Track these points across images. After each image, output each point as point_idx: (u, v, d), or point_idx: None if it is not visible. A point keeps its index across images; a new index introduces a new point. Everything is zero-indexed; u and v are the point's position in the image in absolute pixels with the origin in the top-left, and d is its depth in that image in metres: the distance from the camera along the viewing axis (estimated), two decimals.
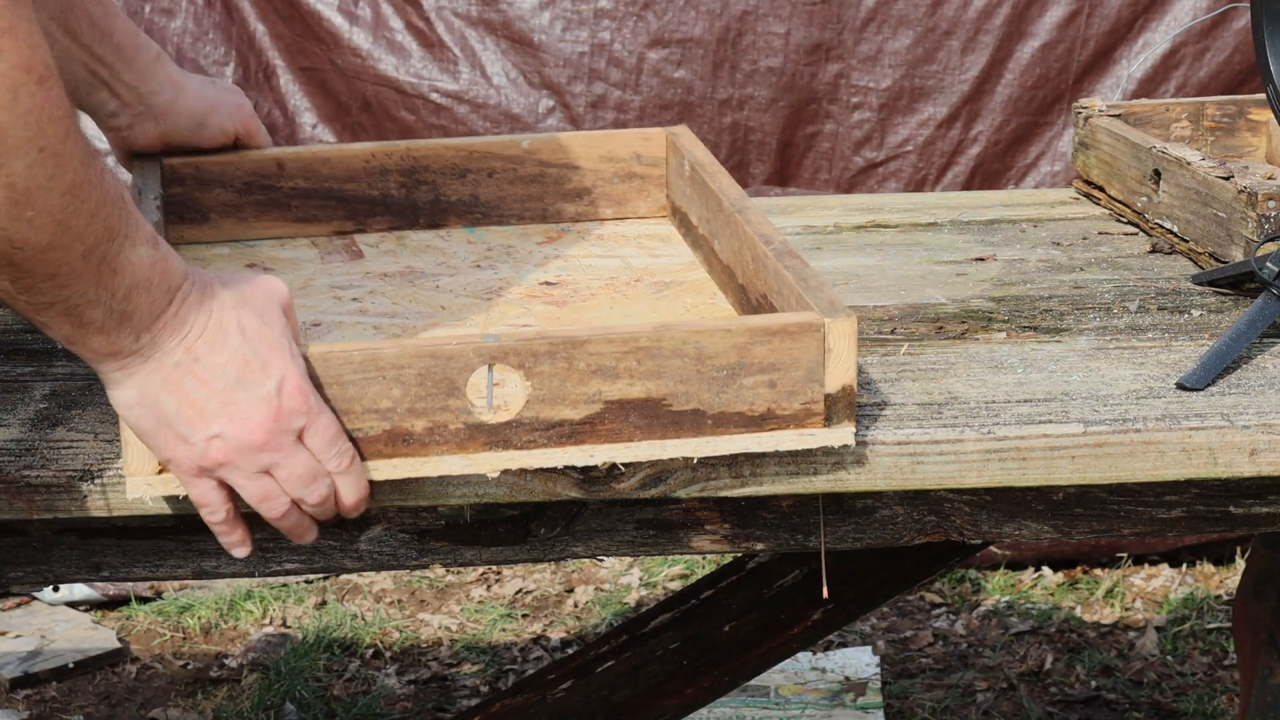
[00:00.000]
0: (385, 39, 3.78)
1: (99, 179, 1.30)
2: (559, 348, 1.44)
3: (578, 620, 3.70)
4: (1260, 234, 1.83)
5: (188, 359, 1.37)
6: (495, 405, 1.44)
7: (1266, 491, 1.64)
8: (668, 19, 3.74)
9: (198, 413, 1.37)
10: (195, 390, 1.37)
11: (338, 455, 1.42)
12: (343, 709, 3.34)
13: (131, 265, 1.33)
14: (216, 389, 1.37)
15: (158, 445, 1.39)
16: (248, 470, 1.40)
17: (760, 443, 1.48)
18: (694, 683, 2.20)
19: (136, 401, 1.38)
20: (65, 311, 1.32)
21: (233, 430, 1.38)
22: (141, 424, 1.39)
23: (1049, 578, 3.82)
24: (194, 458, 1.39)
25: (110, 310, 1.33)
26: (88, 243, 1.30)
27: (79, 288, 1.31)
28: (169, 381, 1.37)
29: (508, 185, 1.94)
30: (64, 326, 1.34)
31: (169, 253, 1.37)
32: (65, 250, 1.29)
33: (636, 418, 1.46)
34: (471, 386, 1.44)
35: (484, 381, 1.44)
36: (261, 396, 1.38)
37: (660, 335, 1.45)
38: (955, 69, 3.76)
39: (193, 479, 1.40)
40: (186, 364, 1.37)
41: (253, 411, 1.38)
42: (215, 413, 1.38)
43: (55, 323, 1.33)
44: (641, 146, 1.95)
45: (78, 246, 1.29)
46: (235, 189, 1.90)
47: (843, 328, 1.46)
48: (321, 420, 1.40)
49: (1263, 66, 1.91)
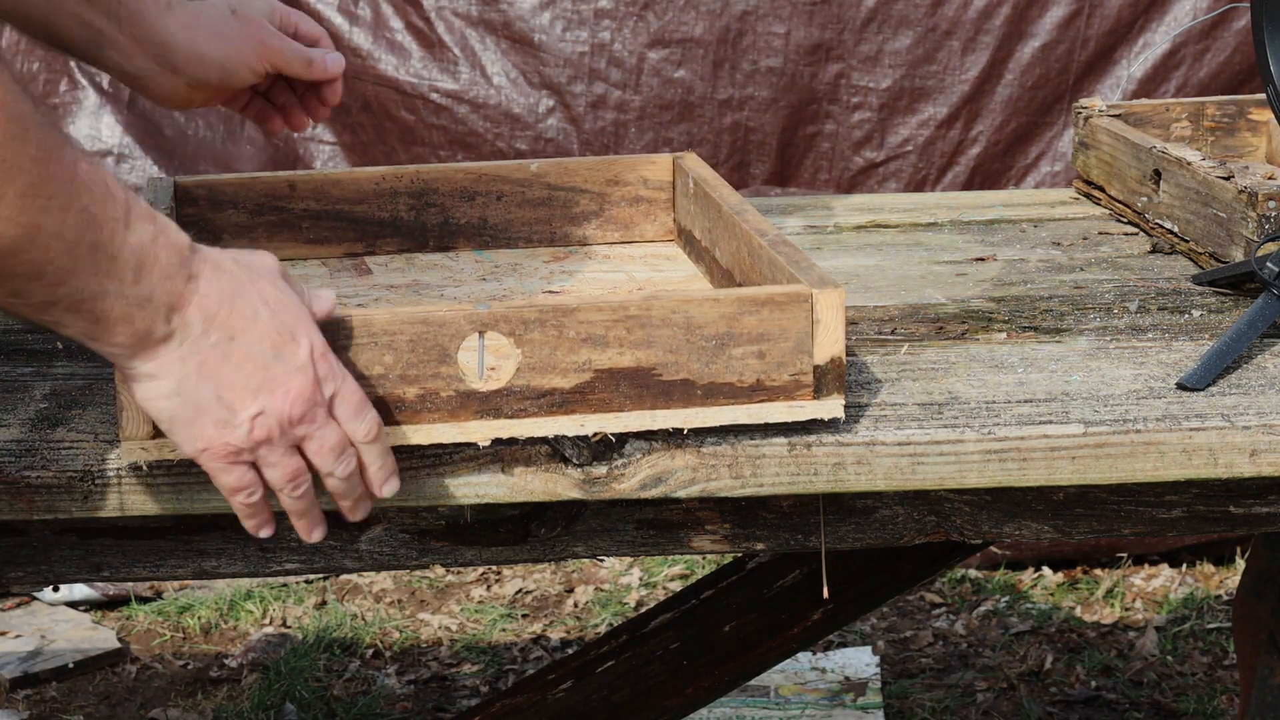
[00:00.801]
0: (385, 39, 3.78)
1: (66, 173, 1.26)
2: (549, 315, 1.46)
3: (578, 620, 3.70)
4: (1260, 234, 1.83)
5: (223, 338, 1.34)
6: (486, 373, 1.46)
7: (1266, 491, 1.64)
8: (668, 19, 3.74)
9: (239, 394, 1.34)
10: (236, 370, 1.34)
11: (365, 423, 1.40)
12: (343, 709, 3.34)
13: (131, 247, 1.30)
14: (257, 366, 1.34)
15: (194, 434, 1.36)
16: (284, 447, 1.37)
17: (750, 414, 1.50)
18: (694, 683, 2.20)
19: (174, 391, 1.34)
20: (71, 309, 1.30)
21: (274, 405, 1.35)
22: (178, 415, 1.35)
23: (1049, 578, 3.82)
24: (236, 440, 1.35)
25: (124, 298, 1.30)
26: (68, 238, 1.27)
27: (77, 283, 1.29)
28: (207, 365, 1.34)
29: (516, 208, 1.96)
30: (78, 323, 1.31)
31: (169, 225, 1.34)
32: (42, 250, 1.26)
33: (627, 387, 1.48)
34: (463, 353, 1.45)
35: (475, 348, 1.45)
36: (298, 367, 1.36)
37: (649, 304, 1.48)
38: (955, 69, 3.76)
39: (228, 465, 1.37)
40: (223, 344, 1.34)
41: (291, 383, 1.36)
42: (256, 389, 1.35)
43: (67, 321, 1.31)
44: (648, 170, 1.98)
45: (56, 244, 1.27)
46: (248, 210, 1.92)
47: (830, 299, 1.48)
48: (347, 386, 1.39)
49: (1263, 66, 1.91)
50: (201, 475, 1.47)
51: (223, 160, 3.81)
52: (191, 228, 1.90)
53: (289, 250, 1.94)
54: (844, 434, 1.52)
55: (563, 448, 1.50)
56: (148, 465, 1.46)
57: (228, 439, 1.35)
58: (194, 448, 1.37)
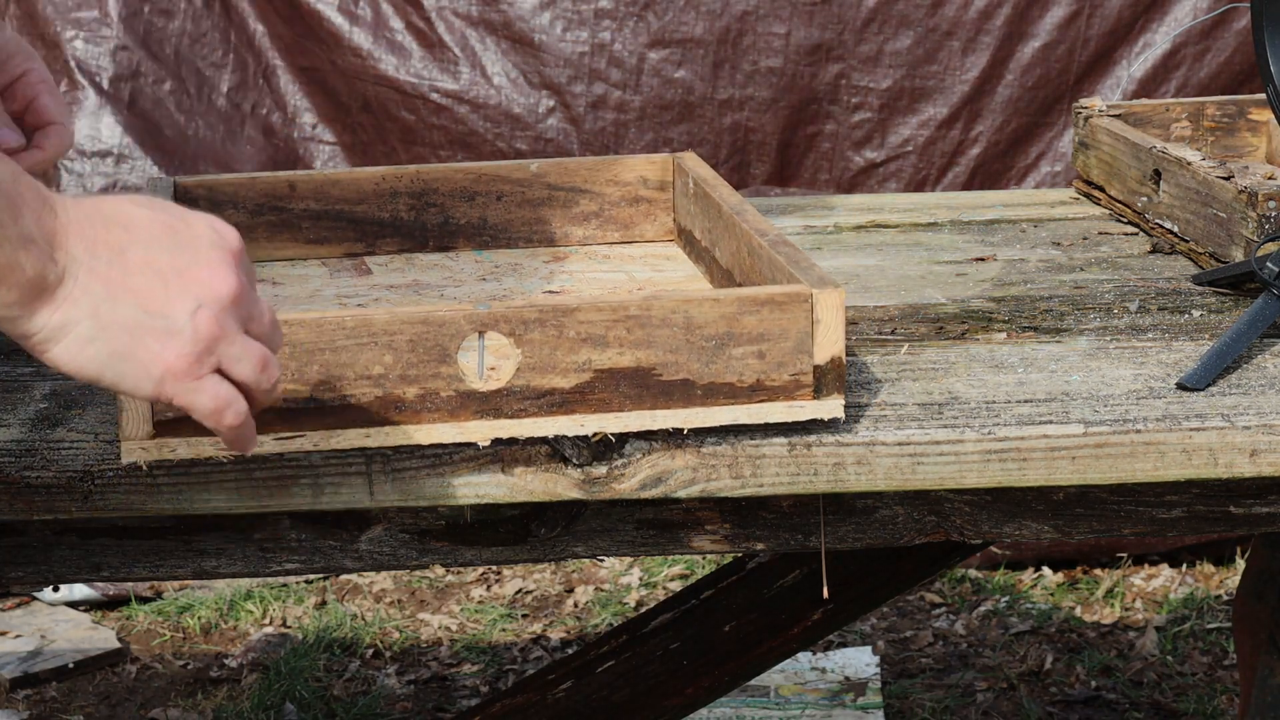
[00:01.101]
0: (385, 39, 3.78)
1: None
2: (549, 315, 1.46)
3: (578, 620, 3.70)
4: (1260, 234, 1.83)
5: (113, 254, 1.22)
6: (486, 373, 1.46)
7: (1266, 491, 1.64)
8: (668, 19, 3.74)
9: (162, 297, 1.22)
10: (144, 277, 1.22)
11: None
12: (343, 709, 3.34)
13: None
14: (163, 262, 1.23)
15: (145, 363, 1.23)
16: (236, 333, 1.25)
17: (750, 414, 1.50)
18: (694, 683, 2.20)
19: (95, 329, 1.21)
20: None
21: (208, 290, 1.23)
22: (114, 350, 1.22)
23: (1049, 578, 3.82)
24: (189, 344, 1.22)
25: (8, 241, 1.18)
26: None
27: None
28: (112, 284, 1.21)
29: (515, 208, 1.96)
30: None
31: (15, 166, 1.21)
32: None
33: (626, 387, 1.48)
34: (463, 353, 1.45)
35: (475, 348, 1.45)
36: (208, 245, 1.25)
37: (649, 304, 1.48)
38: (956, 69, 3.76)
39: (199, 382, 1.24)
40: (116, 259, 1.22)
41: (210, 262, 1.24)
42: (181, 286, 1.23)
43: None
44: (648, 170, 1.97)
45: None
46: (247, 210, 1.92)
47: (830, 299, 1.48)
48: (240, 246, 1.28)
49: (1263, 66, 1.91)
50: (202, 475, 1.48)
51: (223, 160, 3.81)
52: None
53: (289, 250, 1.94)
54: (844, 434, 1.52)
55: (563, 448, 1.50)
56: (148, 465, 1.46)
57: (180, 348, 1.22)
58: (152, 380, 1.23)
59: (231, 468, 1.48)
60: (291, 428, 1.45)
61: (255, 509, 1.50)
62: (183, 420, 1.43)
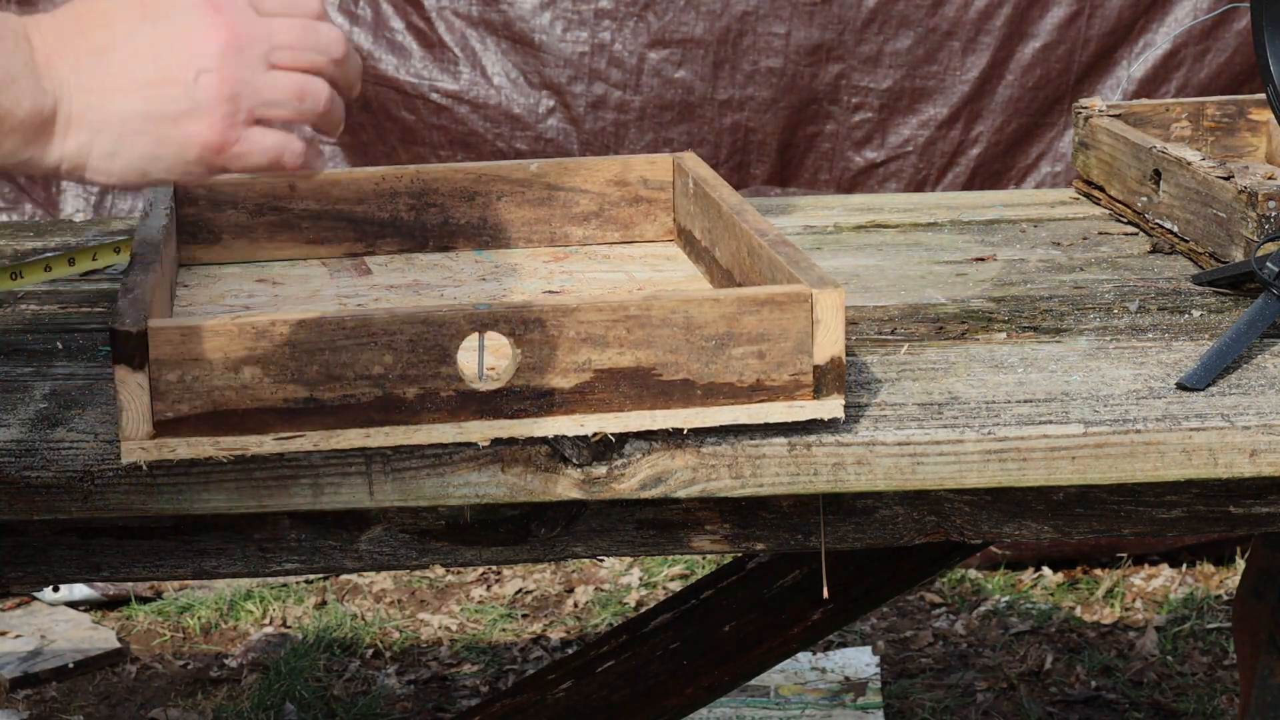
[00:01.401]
0: (386, 39, 3.78)
1: None
2: (549, 315, 1.46)
3: (578, 620, 3.70)
4: (1260, 234, 1.83)
5: (99, 58, 1.17)
6: (486, 373, 1.46)
7: (1266, 491, 1.64)
8: (668, 19, 3.74)
9: (163, 79, 1.17)
10: (136, 67, 1.17)
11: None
12: (343, 709, 3.34)
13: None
14: (150, 46, 1.17)
15: (177, 149, 1.18)
16: (258, 75, 1.19)
17: (750, 414, 1.50)
18: (694, 683, 2.20)
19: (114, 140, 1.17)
20: None
21: (200, 53, 1.18)
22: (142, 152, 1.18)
23: (1049, 578, 3.82)
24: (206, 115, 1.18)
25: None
26: None
27: None
28: (108, 90, 1.17)
29: (515, 208, 1.96)
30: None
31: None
32: None
33: (626, 387, 1.48)
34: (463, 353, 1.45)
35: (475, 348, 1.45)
36: (185, 6, 1.18)
37: (649, 304, 1.48)
38: (956, 69, 3.76)
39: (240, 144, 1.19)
40: (104, 62, 1.17)
41: (191, 24, 1.18)
42: (174, 61, 1.17)
43: None
44: (648, 170, 1.97)
45: None
46: (248, 210, 1.92)
47: (830, 299, 1.48)
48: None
49: (1263, 66, 1.91)
50: (201, 475, 1.48)
51: None
52: (191, 228, 1.91)
53: (289, 250, 1.94)
54: (844, 434, 1.52)
55: (562, 448, 1.50)
56: (148, 465, 1.46)
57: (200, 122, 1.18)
58: (194, 162, 1.19)
59: (231, 468, 1.48)
60: (291, 428, 1.45)
61: (255, 509, 1.50)
62: (183, 420, 1.43)
